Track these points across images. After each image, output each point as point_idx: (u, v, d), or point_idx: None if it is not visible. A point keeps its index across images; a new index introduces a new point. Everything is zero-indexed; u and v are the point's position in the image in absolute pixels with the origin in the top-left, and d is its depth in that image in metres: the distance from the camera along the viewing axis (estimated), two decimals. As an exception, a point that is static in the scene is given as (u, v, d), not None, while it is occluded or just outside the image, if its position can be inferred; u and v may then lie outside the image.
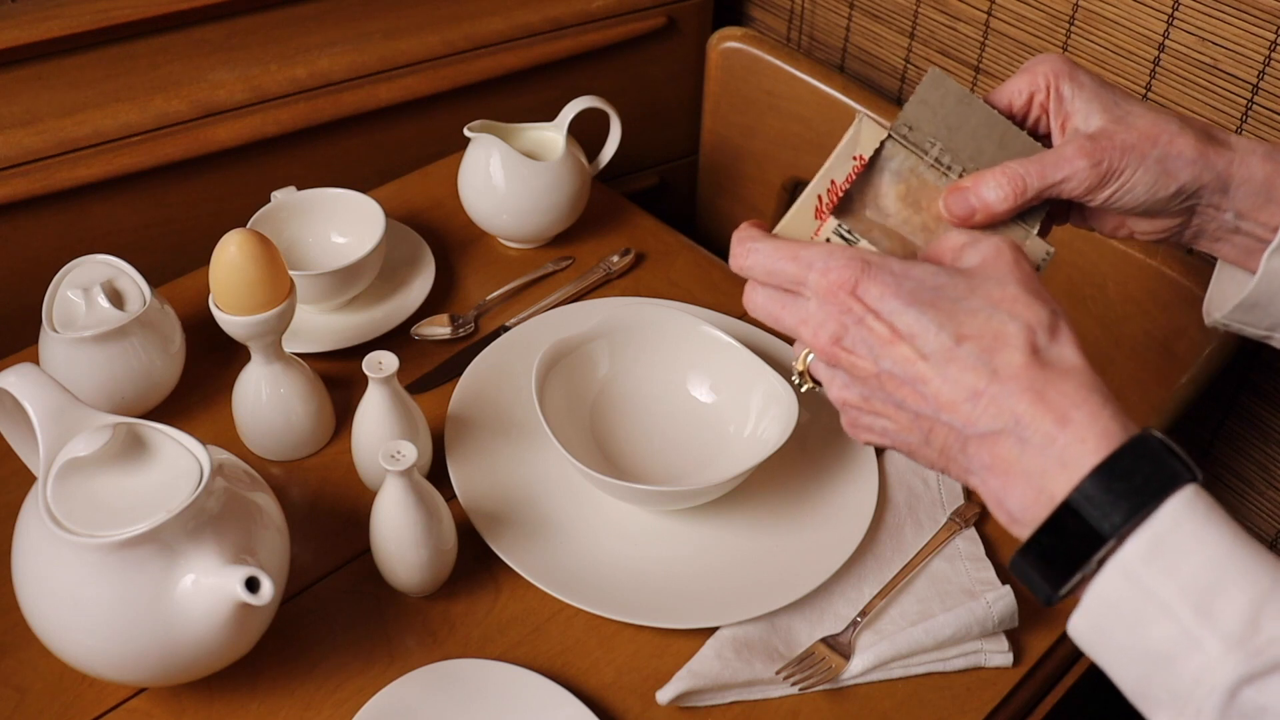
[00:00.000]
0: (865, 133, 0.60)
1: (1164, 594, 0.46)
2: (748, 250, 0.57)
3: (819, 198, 0.57)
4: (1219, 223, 0.60)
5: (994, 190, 0.59)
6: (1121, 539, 0.47)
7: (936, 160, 0.61)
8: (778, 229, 0.58)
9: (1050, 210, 0.63)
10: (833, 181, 0.58)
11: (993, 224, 0.60)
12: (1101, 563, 0.48)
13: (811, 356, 0.58)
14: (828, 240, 0.56)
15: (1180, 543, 0.47)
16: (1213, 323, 0.64)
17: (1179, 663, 0.46)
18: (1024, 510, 0.50)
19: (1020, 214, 0.61)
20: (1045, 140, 0.64)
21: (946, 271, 0.54)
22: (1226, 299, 0.63)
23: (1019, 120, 0.63)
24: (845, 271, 0.53)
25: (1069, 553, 0.49)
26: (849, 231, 0.58)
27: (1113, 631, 0.48)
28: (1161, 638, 0.46)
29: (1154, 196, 0.59)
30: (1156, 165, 0.58)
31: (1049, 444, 0.49)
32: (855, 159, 0.59)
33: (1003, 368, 0.51)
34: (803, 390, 0.61)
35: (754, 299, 0.58)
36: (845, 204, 0.59)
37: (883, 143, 0.60)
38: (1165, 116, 0.59)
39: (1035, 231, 0.61)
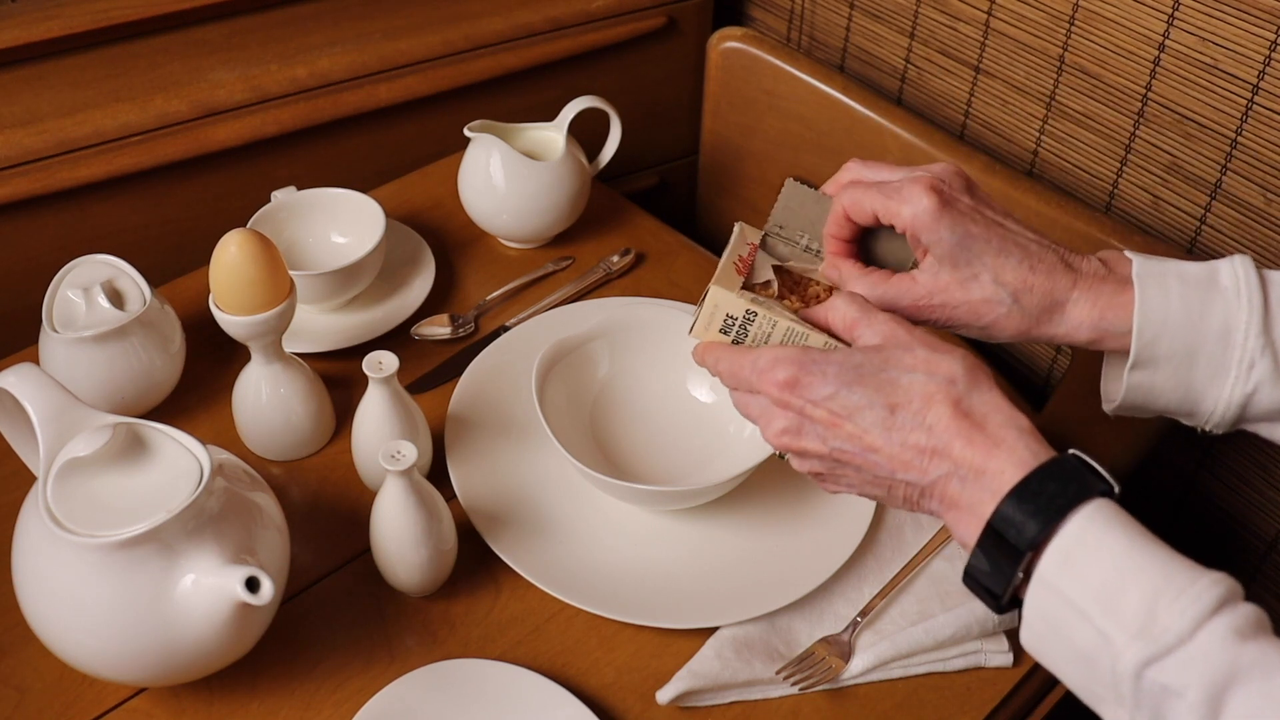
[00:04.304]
0: (748, 231, 0.73)
1: (1077, 598, 0.52)
2: (715, 359, 0.67)
3: (734, 263, 0.70)
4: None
5: (849, 288, 0.68)
6: (1038, 554, 0.54)
7: (806, 248, 0.72)
8: (714, 279, 0.68)
9: None
10: (740, 256, 0.71)
11: None
12: (1028, 576, 0.54)
13: None
14: (746, 309, 0.66)
15: (1085, 552, 0.53)
16: (1111, 413, 0.69)
17: (1099, 658, 0.52)
18: (969, 537, 0.57)
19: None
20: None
21: (859, 350, 0.62)
22: (1111, 398, 0.68)
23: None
24: (783, 371, 0.61)
25: (999, 569, 0.55)
26: (752, 309, 0.68)
27: (1048, 638, 0.55)
28: (1083, 638, 0.52)
29: (980, 340, 0.68)
30: (980, 331, 0.67)
31: (979, 479, 0.57)
32: (749, 244, 0.72)
33: (935, 423, 0.58)
34: (782, 458, 0.68)
35: (734, 400, 0.67)
36: (749, 280, 0.71)
37: (763, 238, 0.72)
38: (999, 294, 0.64)
39: None
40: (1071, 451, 0.56)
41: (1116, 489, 0.55)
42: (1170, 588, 0.50)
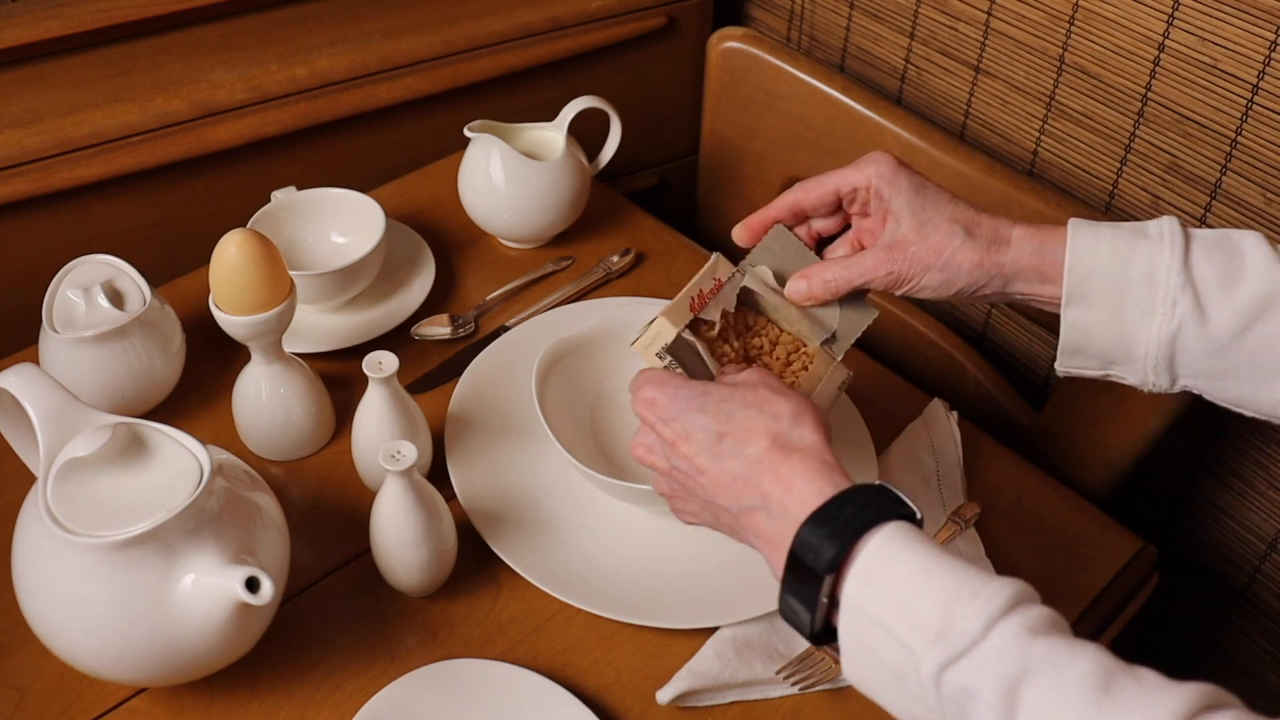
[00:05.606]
0: (721, 265, 0.77)
1: (880, 614, 0.54)
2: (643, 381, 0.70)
3: (691, 298, 0.73)
4: (1016, 300, 0.72)
5: (819, 284, 0.74)
6: (842, 578, 0.56)
7: (774, 288, 0.76)
8: (664, 309, 0.72)
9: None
10: (700, 290, 0.74)
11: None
12: (833, 601, 0.57)
13: None
14: (683, 331, 0.71)
15: (884, 568, 0.55)
16: (1060, 373, 0.72)
17: (907, 674, 0.53)
18: (779, 568, 0.59)
19: (834, 341, 0.76)
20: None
21: (716, 384, 0.67)
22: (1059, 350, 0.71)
23: (848, 202, 0.75)
24: (647, 391, 0.67)
25: (804, 595, 0.57)
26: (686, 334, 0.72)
27: (865, 663, 0.56)
28: (891, 655, 0.54)
29: (941, 294, 0.72)
30: (940, 273, 0.70)
31: (784, 511, 0.59)
32: (715, 279, 0.75)
33: (751, 455, 0.61)
34: None
35: None
36: (702, 311, 0.74)
37: (734, 273, 0.76)
38: (953, 230, 0.70)
39: (840, 359, 0.77)
40: (878, 482, 0.59)
41: (919, 515, 0.57)
42: (964, 593, 0.52)
